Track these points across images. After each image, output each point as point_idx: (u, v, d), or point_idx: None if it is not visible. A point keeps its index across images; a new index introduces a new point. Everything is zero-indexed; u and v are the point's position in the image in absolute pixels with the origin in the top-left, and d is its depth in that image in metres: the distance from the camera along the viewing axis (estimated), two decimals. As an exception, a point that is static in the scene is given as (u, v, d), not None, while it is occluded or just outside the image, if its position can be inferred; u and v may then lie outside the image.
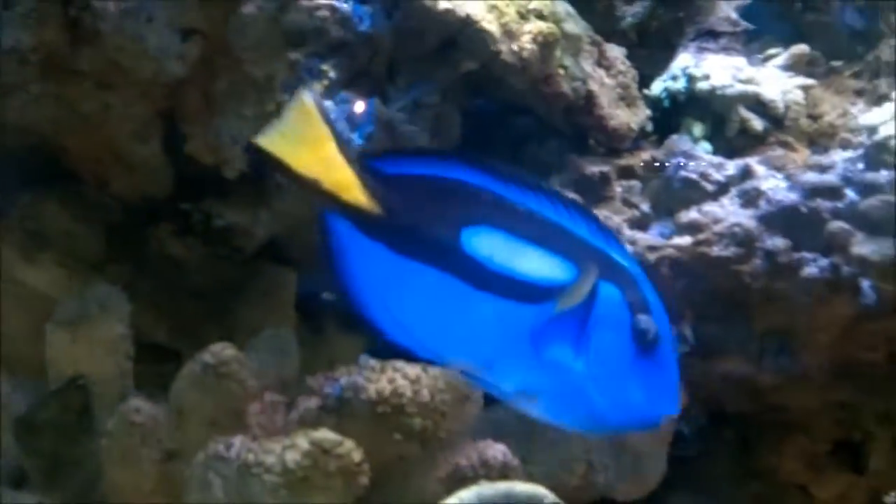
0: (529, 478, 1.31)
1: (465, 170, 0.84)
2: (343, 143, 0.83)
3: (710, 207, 1.11)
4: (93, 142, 1.18)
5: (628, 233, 1.14)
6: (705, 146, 1.25)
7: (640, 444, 1.31)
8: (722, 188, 1.14)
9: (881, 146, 0.93)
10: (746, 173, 1.14)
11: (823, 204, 1.02)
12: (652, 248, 1.10)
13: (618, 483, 1.32)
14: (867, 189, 0.99)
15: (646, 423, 0.80)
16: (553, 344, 0.78)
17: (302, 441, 0.93)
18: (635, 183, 1.23)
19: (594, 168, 1.22)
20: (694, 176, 1.17)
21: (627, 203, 1.21)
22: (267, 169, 0.95)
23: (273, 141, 0.83)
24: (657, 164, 1.23)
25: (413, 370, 1.12)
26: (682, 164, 1.19)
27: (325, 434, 0.94)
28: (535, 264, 0.79)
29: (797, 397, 1.24)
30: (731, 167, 1.17)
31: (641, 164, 1.25)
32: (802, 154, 1.21)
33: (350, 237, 0.84)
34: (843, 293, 1.04)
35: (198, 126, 1.17)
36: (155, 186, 1.22)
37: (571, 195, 0.87)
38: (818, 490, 1.33)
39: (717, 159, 1.19)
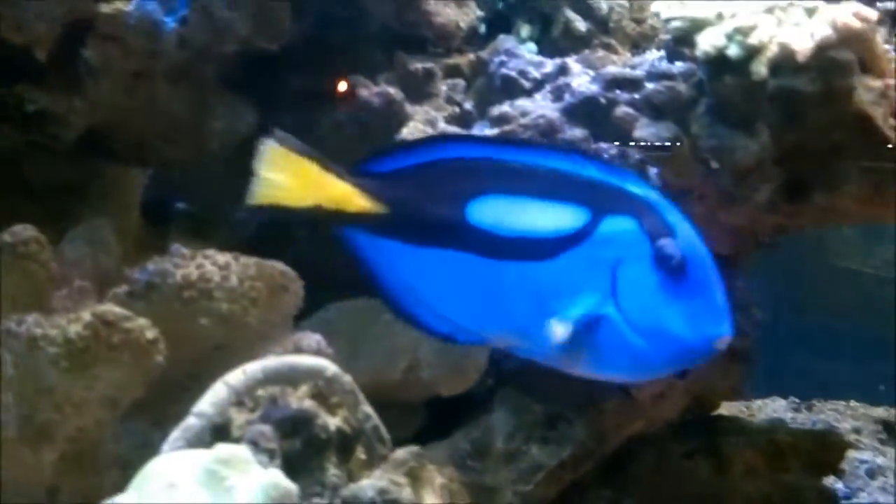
0: (354, 372, 1.35)
1: (454, 147, 0.84)
2: (327, 163, 0.85)
3: (522, 102, 1.13)
4: None
5: (446, 127, 1.16)
6: (531, 47, 1.27)
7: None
8: (538, 85, 1.16)
9: (679, 39, 0.96)
10: (563, 71, 1.16)
11: (622, 95, 1.05)
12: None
13: (441, 379, 1.36)
14: (660, 78, 1.02)
15: (697, 352, 0.76)
16: (579, 295, 0.75)
17: (86, 314, 0.92)
18: (460, 81, 1.24)
19: (418, 65, 1.23)
20: (513, 73, 1.19)
21: (451, 101, 1.22)
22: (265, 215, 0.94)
23: (264, 194, 0.87)
24: (482, 62, 1.24)
25: (223, 257, 1.12)
26: (503, 62, 1.20)
27: (110, 307, 0.93)
28: (544, 218, 0.77)
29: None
30: (550, 65, 1.18)
31: (468, 62, 1.26)
32: (624, 56, 1.24)
33: (369, 245, 0.86)
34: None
35: (5, 4, 1.12)
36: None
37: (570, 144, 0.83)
38: (638, 391, 1.38)
39: (538, 58, 1.21)
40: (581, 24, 1.24)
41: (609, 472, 1.53)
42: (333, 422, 0.99)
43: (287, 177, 0.85)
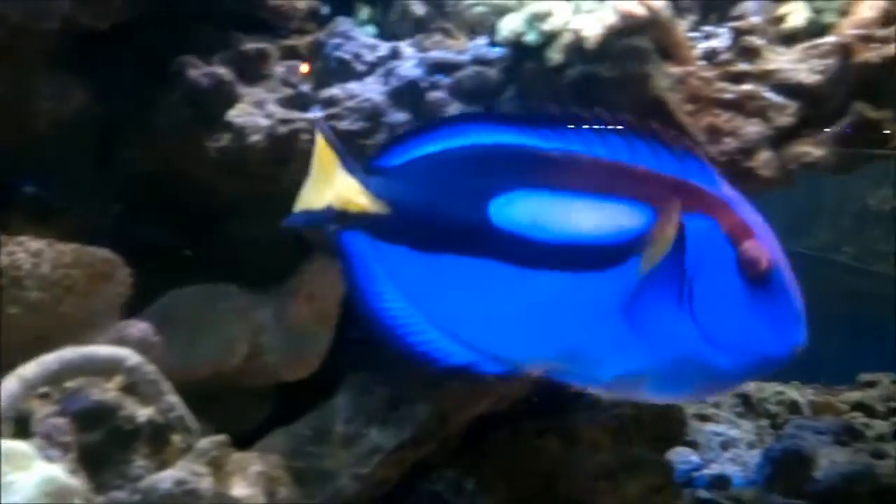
0: (193, 360, 1.33)
1: (480, 130, 0.70)
2: (345, 156, 0.75)
3: (352, 85, 1.12)
4: None
5: (275, 109, 1.14)
6: (369, 30, 1.26)
7: (304, 324, 1.34)
8: (371, 68, 1.15)
9: (483, 25, 0.96)
10: (395, 54, 1.16)
11: (442, 80, 1.05)
12: (284, 122, 1.10)
13: (285, 364, 1.36)
14: (478, 64, 1.03)
15: (776, 362, 0.67)
16: (650, 309, 0.64)
17: None
18: (297, 63, 1.22)
19: (252, 45, 1.20)
20: (347, 56, 1.17)
21: (286, 83, 1.20)
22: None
23: (303, 199, 0.79)
24: (319, 44, 1.22)
25: (37, 244, 1.09)
26: (339, 44, 1.19)
27: None
28: (596, 218, 0.65)
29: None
30: (384, 48, 1.18)
31: (306, 44, 1.24)
32: (460, 41, 1.23)
33: (370, 252, 0.72)
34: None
35: None
36: None
37: (624, 117, 0.65)
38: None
39: (373, 41, 1.20)
40: (419, 8, 1.23)
41: (460, 452, 1.57)
42: (144, 412, 0.98)
43: (320, 173, 0.76)
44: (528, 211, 0.66)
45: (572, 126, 0.66)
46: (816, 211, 2.78)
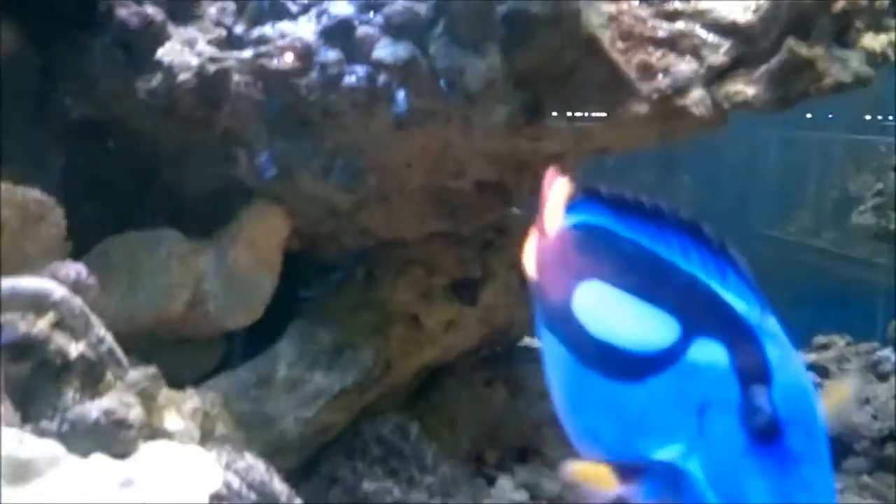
0: (134, 305, 1.32)
1: (588, 207, 0.66)
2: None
3: (283, 24, 1.11)
4: None
5: (206, 48, 1.12)
6: (304, -30, 1.25)
7: (246, 271, 1.33)
8: (305, 9, 1.14)
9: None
10: (330, -5, 1.15)
11: (375, 17, 1.04)
12: (214, 60, 1.09)
13: (228, 311, 1.35)
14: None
15: None
16: (657, 435, 0.59)
17: None
18: (230, 4, 1.20)
19: (186, -15, 1.19)
20: (281, -3, 1.16)
21: (219, 23, 1.18)
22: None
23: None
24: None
25: (-28, 184, 1.07)
26: (272, -15, 1.18)
27: None
28: (634, 324, 0.61)
29: (391, 225, 1.29)
30: (316, -12, 1.16)
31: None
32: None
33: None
34: (380, 102, 1.07)
35: None
36: None
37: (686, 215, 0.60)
38: (426, 318, 1.40)
39: (305, -19, 1.18)
40: (352, -53, 1.22)
41: (411, 400, 1.58)
42: (76, 348, 0.97)
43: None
44: (594, 303, 0.63)
45: (658, 219, 0.62)
46: (798, 197, 2.83)
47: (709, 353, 0.58)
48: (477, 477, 1.44)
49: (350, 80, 1.03)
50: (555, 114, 1.02)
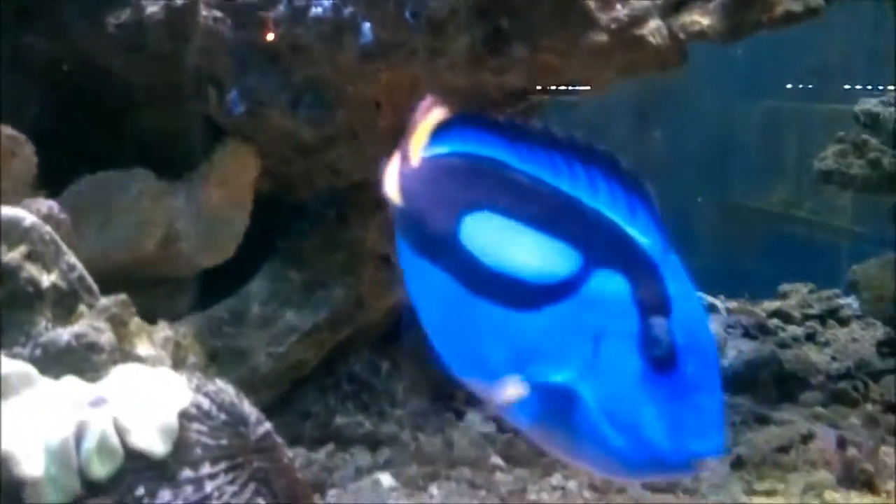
0: (107, 243, 1.34)
1: (473, 135, 0.67)
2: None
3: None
4: None
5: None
6: None
7: (218, 209, 1.35)
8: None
9: None
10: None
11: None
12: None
13: (200, 250, 1.37)
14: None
15: (671, 467, 0.59)
16: (552, 364, 0.60)
17: None
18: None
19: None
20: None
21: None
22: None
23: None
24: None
25: (-64, 119, 1.08)
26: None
27: None
28: (532, 255, 0.62)
29: (361, 165, 1.31)
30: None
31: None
32: None
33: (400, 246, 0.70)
34: (346, 34, 1.09)
35: None
36: None
37: (598, 147, 0.61)
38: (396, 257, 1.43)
39: None
40: None
41: (383, 341, 1.61)
42: (48, 278, 0.99)
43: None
44: (484, 233, 0.64)
45: (549, 147, 0.63)
46: (779, 169, 2.87)
47: (609, 284, 0.60)
48: (446, 412, 1.48)
49: (316, 11, 1.05)
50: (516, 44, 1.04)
